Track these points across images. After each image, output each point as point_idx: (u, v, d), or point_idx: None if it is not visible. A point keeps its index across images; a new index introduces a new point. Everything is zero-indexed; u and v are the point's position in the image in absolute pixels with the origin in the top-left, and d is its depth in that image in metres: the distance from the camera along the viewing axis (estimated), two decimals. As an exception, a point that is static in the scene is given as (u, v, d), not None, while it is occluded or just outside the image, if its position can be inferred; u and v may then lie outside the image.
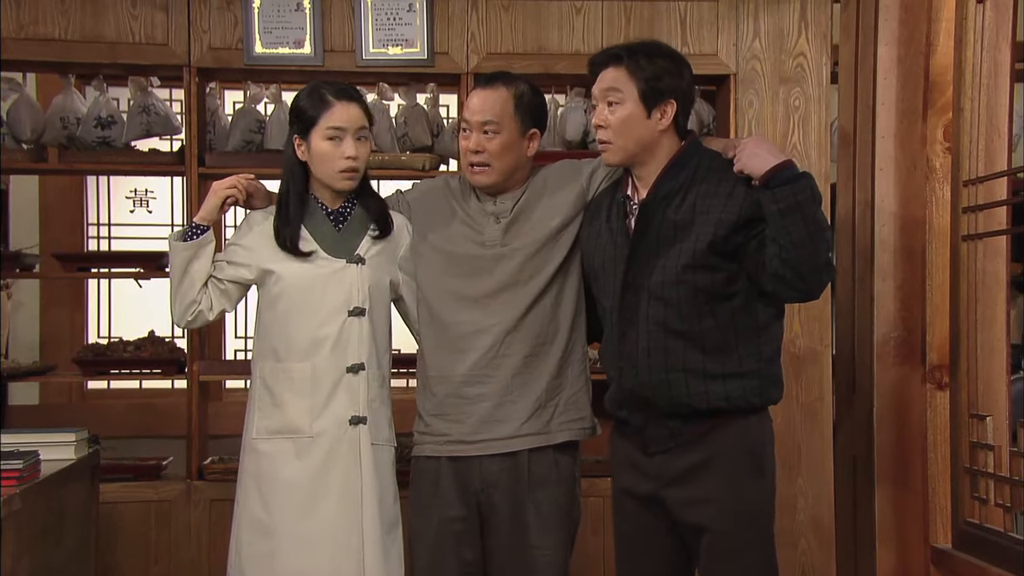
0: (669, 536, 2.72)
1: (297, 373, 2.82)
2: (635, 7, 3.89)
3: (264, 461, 2.83)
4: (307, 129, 2.83)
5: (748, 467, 2.65)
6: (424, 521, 2.84)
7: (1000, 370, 3.07)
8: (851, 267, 3.65)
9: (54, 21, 3.78)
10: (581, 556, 3.82)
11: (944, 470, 3.31)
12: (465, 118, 2.84)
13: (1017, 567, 2.84)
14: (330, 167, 2.83)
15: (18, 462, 2.78)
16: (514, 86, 2.83)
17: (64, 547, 3.12)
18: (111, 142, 3.99)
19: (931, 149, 3.39)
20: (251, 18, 3.80)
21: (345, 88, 2.90)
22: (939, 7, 3.36)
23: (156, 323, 4.37)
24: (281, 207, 2.86)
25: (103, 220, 5.46)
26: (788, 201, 2.49)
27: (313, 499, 2.80)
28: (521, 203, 2.85)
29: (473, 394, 2.80)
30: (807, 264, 2.51)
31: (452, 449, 2.81)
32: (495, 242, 2.82)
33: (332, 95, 2.83)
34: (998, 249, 3.09)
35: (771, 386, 2.69)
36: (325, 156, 2.82)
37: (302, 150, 2.85)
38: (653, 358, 2.64)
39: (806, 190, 2.51)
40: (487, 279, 2.81)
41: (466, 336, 2.81)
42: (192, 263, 2.85)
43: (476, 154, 2.80)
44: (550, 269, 2.81)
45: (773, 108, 3.86)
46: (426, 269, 2.88)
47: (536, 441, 2.80)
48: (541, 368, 2.80)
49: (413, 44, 3.85)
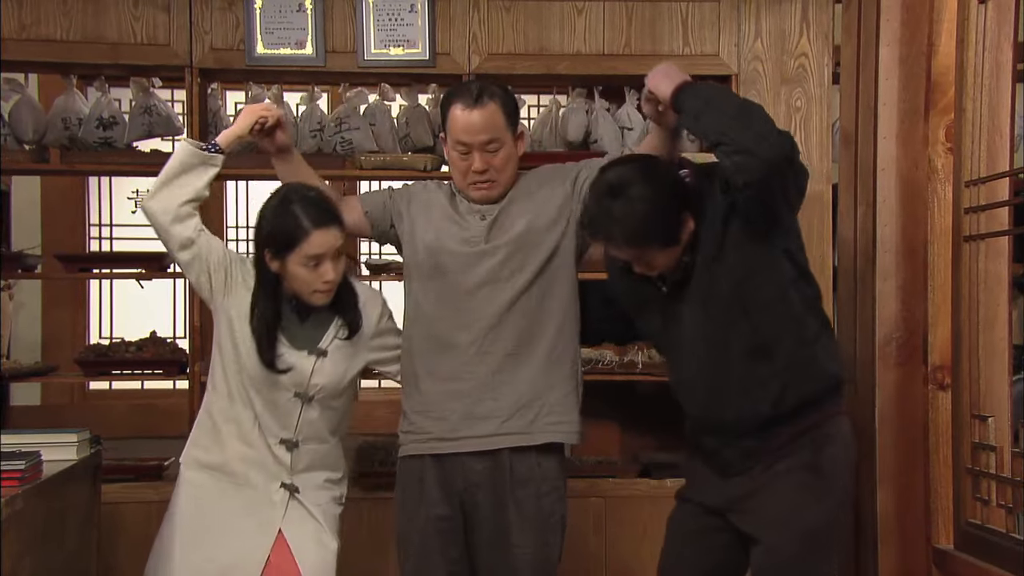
0: (724, 533, 2.74)
1: (246, 419, 2.82)
2: (637, 8, 3.89)
3: (190, 490, 2.83)
4: (281, 252, 2.73)
5: (812, 485, 2.63)
6: (411, 522, 2.84)
7: (1002, 371, 3.07)
8: (853, 267, 3.65)
9: (56, 22, 3.78)
10: (582, 556, 3.82)
11: (946, 471, 3.30)
12: (463, 141, 2.78)
13: (1019, 568, 2.84)
14: (306, 288, 2.77)
15: (20, 462, 2.78)
16: (497, 96, 2.80)
17: (66, 547, 3.12)
18: (113, 143, 3.99)
19: (933, 149, 3.39)
20: (253, 19, 3.81)
21: (322, 212, 2.75)
22: (941, 8, 3.36)
23: (158, 323, 4.39)
24: (259, 317, 2.79)
25: (105, 221, 5.48)
26: (698, 106, 2.53)
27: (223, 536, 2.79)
28: (505, 202, 2.86)
29: (455, 390, 2.80)
30: (745, 137, 2.45)
31: (434, 447, 2.82)
32: (479, 239, 2.83)
33: (310, 223, 2.71)
34: (1000, 250, 3.08)
35: (822, 363, 2.67)
36: (301, 279, 2.75)
37: (275, 265, 2.75)
38: (732, 388, 2.65)
39: (708, 89, 2.58)
40: (469, 275, 2.81)
41: (449, 332, 2.81)
42: (189, 173, 2.77)
43: (482, 173, 2.80)
44: (532, 267, 2.81)
45: (775, 108, 3.85)
46: (415, 266, 2.88)
47: (517, 441, 2.79)
48: (524, 368, 2.80)
49: (415, 45, 3.85)
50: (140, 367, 4.11)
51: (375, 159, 3.97)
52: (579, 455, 4.03)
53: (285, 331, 2.81)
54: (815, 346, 2.67)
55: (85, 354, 4.15)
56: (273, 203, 2.77)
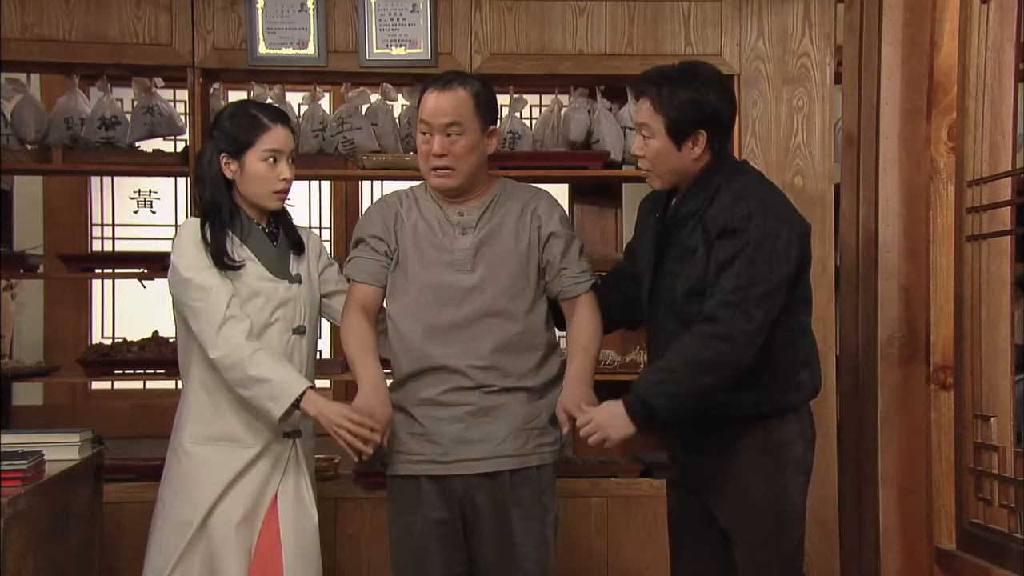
0: (715, 521, 2.78)
1: None
2: (639, 7, 3.89)
3: (194, 465, 2.83)
4: (241, 150, 2.82)
5: (767, 469, 2.69)
6: (405, 524, 2.82)
7: (1004, 370, 3.07)
8: (855, 268, 3.65)
9: (58, 22, 3.78)
10: (584, 556, 3.83)
11: (948, 471, 3.30)
12: (425, 120, 2.78)
13: (1021, 568, 2.84)
14: (266, 188, 2.84)
15: (23, 462, 2.78)
16: (470, 85, 2.79)
17: (68, 547, 3.12)
18: (115, 143, 3.99)
19: (935, 149, 3.39)
20: (255, 19, 3.80)
21: (279, 110, 2.95)
22: (943, 7, 3.36)
23: (159, 323, 4.37)
24: (213, 221, 2.82)
25: (107, 221, 5.48)
26: (667, 407, 2.60)
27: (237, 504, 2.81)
28: (491, 223, 2.82)
29: (446, 416, 2.78)
30: (715, 377, 2.61)
31: (427, 468, 2.80)
32: (465, 263, 2.79)
33: (269, 118, 2.84)
34: (1002, 249, 3.08)
35: (784, 394, 2.73)
36: (261, 177, 2.83)
37: (231, 169, 2.84)
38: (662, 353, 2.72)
39: (658, 396, 2.60)
40: (457, 310, 2.78)
41: (437, 369, 2.78)
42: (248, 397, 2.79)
43: (440, 157, 2.77)
44: (524, 304, 2.81)
45: (777, 108, 3.86)
46: (401, 296, 2.84)
47: (512, 463, 2.79)
48: (519, 397, 2.80)
49: (417, 45, 3.85)
50: (142, 367, 4.11)
51: (377, 159, 3.97)
52: (581, 455, 4.03)
53: (263, 259, 2.85)
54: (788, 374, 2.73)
55: (87, 354, 4.15)
56: (230, 110, 2.91)
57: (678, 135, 2.68)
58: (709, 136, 2.69)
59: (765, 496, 2.69)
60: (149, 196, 5.52)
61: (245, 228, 2.86)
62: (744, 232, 2.59)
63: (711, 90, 2.69)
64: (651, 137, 2.70)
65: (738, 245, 2.59)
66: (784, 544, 2.73)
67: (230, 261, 2.80)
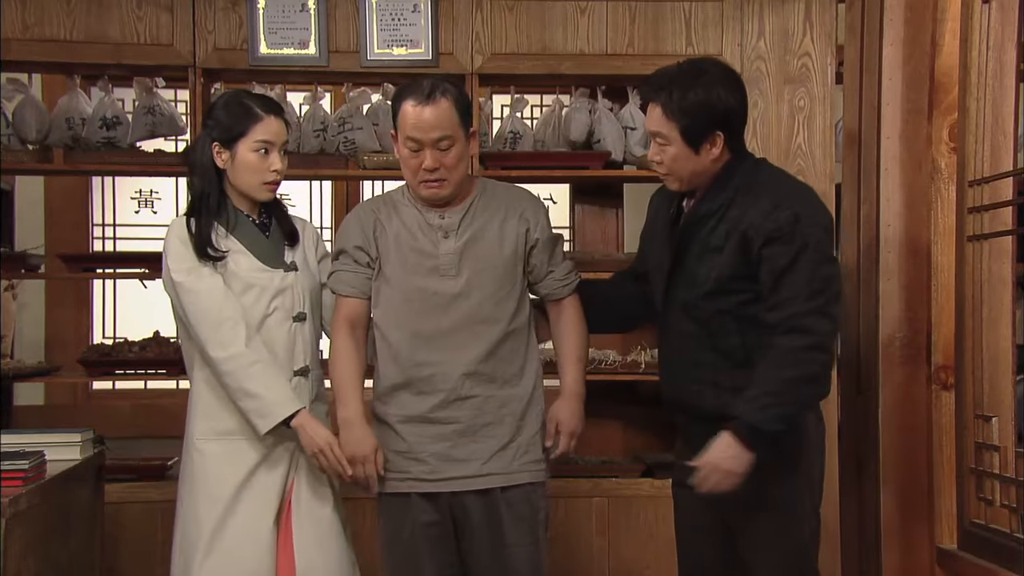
0: (721, 524, 2.77)
1: None
2: (640, 7, 3.89)
3: (207, 462, 2.84)
4: (234, 139, 2.82)
5: (773, 467, 2.65)
6: (396, 527, 2.82)
7: (1006, 370, 3.07)
8: (856, 267, 3.65)
9: (59, 22, 3.78)
10: (585, 556, 3.83)
11: (949, 471, 3.30)
12: (414, 137, 2.71)
13: (1022, 568, 2.84)
14: (256, 178, 2.84)
15: (24, 462, 2.78)
16: (450, 93, 2.74)
17: (69, 547, 3.12)
18: (116, 143, 3.99)
19: (936, 149, 3.39)
20: (256, 19, 3.81)
21: (273, 101, 2.95)
22: (944, 7, 3.36)
23: (161, 323, 4.37)
24: (200, 210, 2.83)
25: (108, 221, 5.48)
26: (778, 424, 2.57)
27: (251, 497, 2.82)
28: (474, 226, 2.80)
29: (432, 434, 2.78)
30: (811, 373, 2.61)
31: (414, 486, 2.80)
32: (450, 268, 2.77)
33: (261, 108, 2.84)
34: (1004, 249, 3.08)
35: None
36: (252, 167, 2.83)
37: (223, 158, 2.84)
38: (687, 370, 2.72)
39: (774, 422, 2.57)
40: (443, 317, 2.77)
41: (424, 379, 2.78)
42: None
43: (434, 171, 2.74)
44: (510, 307, 2.81)
45: (778, 108, 3.86)
46: (386, 304, 2.82)
47: (498, 481, 2.79)
48: (506, 410, 2.80)
49: (418, 45, 3.85)
50: (143, 367, 4.11)
51: (378, 159, 3.97)
52: (582, 455, 4.02)
53: (254, 250, 2.85)
54: None
55: (88, 354, 4.15)
56: (224, 99, 2.90)
57: (694, 140, 2.63)
58: (726, 136, 2.65)
59: (771, 494, 2.67)
60: (150, 196, 5.53)
61: (232, 219, 2.86)
62: (797, 235, 2.56)
63: (720, 87, 2.63)
64: (667, 144, 2.65)
65: (795, 249, 2.56)
66: (791, 542, 2.70)
67: (214, 252, 2.79)
